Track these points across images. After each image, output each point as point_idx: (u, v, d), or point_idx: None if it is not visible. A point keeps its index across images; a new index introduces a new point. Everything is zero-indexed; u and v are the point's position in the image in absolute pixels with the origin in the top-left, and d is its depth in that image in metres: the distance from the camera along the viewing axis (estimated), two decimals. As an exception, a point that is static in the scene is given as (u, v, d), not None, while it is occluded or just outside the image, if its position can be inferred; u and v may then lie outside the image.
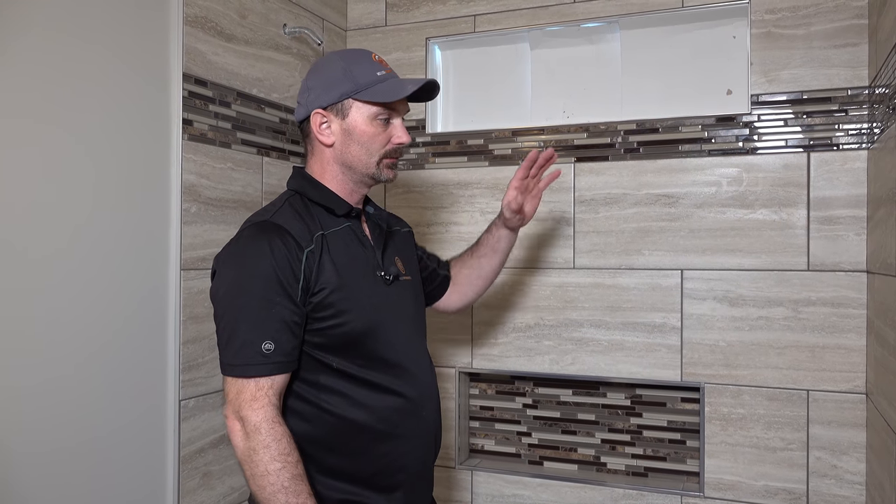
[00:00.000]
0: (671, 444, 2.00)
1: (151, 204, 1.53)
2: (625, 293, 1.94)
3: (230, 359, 1.14)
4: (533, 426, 2.14)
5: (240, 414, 1.12)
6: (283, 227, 1.19)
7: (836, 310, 1.76)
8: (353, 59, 1.28)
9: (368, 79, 1.24)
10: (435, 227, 2.15)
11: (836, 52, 1.76)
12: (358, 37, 2.25)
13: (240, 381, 1.13)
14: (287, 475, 1.10)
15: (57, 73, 1.33)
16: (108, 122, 1.43)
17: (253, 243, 1.17)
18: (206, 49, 1.66)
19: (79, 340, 1.37)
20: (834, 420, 1.75)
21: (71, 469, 1.35)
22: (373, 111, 1.25)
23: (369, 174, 1.28)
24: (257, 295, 1.14)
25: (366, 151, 1.26)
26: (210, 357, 1.66)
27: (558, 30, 2.06)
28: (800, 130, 1.79)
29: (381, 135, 1.26)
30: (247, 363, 1.13)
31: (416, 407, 1.27)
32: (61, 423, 1.33)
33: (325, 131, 1.27)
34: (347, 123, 1.26)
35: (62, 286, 1.34)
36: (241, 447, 1.12)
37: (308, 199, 1.28)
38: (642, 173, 1.93)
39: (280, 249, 1.15)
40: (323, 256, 1.20)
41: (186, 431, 1.60)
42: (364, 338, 1.22)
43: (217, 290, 1.19)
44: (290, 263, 1.16)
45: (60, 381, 1.33)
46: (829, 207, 1.76)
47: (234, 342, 1.14)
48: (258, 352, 1.13)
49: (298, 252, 1.17)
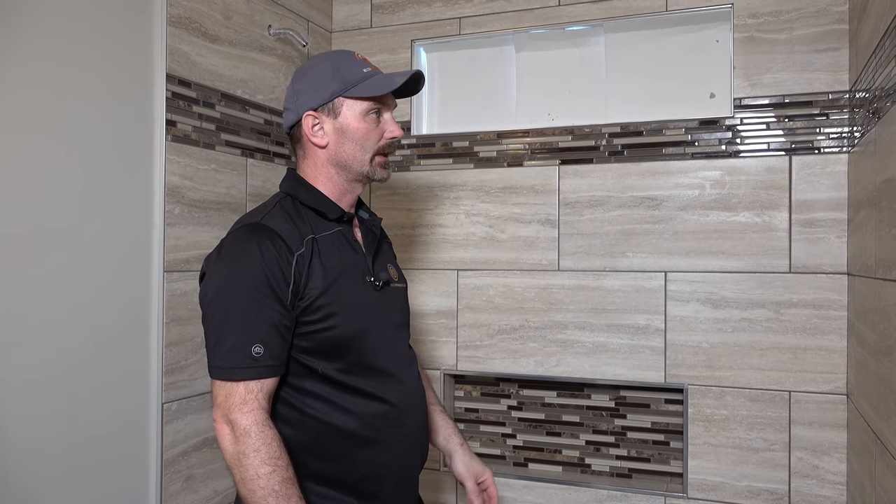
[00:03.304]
0: (655, 445, 2.02)
1: (134, 205, 1.54)
2: (609, 295, 1.97)
3: (219, 362, 1.15)
4: (518, 428, 2.16)
5: (229, 417, 1.13)
6: (274, 229, 1.19)
7: (818, 311, 1.79)
8: (339, 58, 1.30)
9: (356, 76, 1.27)
10: (420, 230, 2.18)
11: (818, 57, 1.80)
12: (343, 38, 2.27)
13: (229, 385, 1.14)
14: (277, 479, 1.10)
15: (39, 73, 1.33)
16: (90, 122, 1.44)
17: (243, 245, 1.18)
18: (190, 50, 1.66)
19: (60, 343, 1.37)
20: (815, 421, 1.79)
21: (52, 473, 1.35)
22: (364, 107, 1.27)
23: (364, 172, 1.30)
24: (247, 297, 1.14)
25: (360, 148, 1.28)
26: (193, 360, 1.67)
27: (543, 33, 2.09)
28: (782, 134, 1.83)
29: (374, 130, 1.29)
30: (236, 366, 1.13)
31: (401, 414, 1.28)
32: (42, 426, 1.33)
33: (317, 133, 1.28)
34: (340, 122, 1.27)
35: (43, 288, 1.33)
36: (231, 451, 1.12)
37: (300, 203, 1.29)
38: (626, 176, 1.96)
39: (270, 252, 1.16)
40: (313, 260, 1.21)
41: (169, 434, 1.60)
42: (351, 343, 1.23)
43: (206, 292, 1.19)
44: (280, 266, 1.16)
45: (41, 384, 1.33)
46: (810, 210, 1.80)
47: (223, 345, 1.14)
48: (247, 355, 1.13)
49: (288, 255, 1.18)
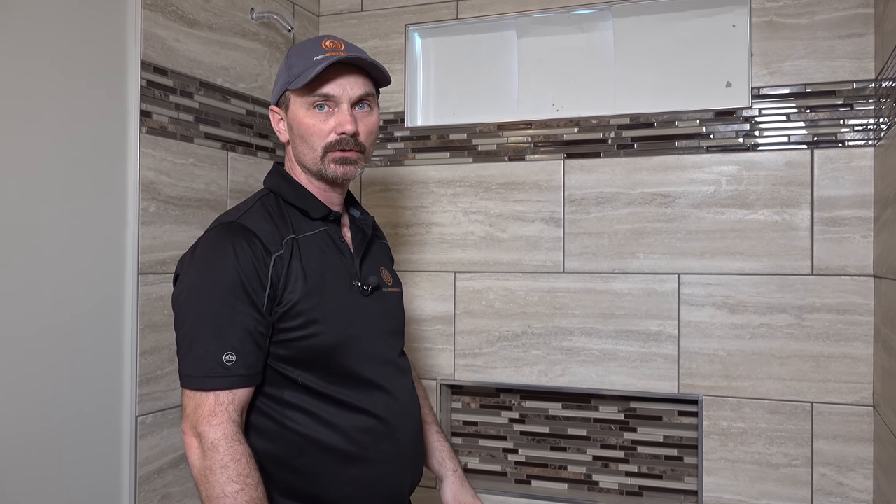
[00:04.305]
0: (668, 460, 2.01)
1: (106, 202, 1.52)
2: (618, 299, 1.96)
3: (189, 370, 1.14)
4: (520, 442, 2.15)
5: (197, 430, 1.12)
6: (251, 229, 1.19)
7: (842, 317, 1.78)
8: (301, 47, 1.28)
9: (301, 66, 1.23)
10: (415, 228, 2.16)
11: (841, 43, 1.79)
12: (331, 23, 2.25)
13: (198, 395, 1.13)
14: (245, 498, 1.09)
15: (1, 59, 1.31)
16: (57, 113, 1.42)
17: (216, 246, 1.18)
18: (167, 35, 1.65)
19: (25, 351, 1.36)
20: (839, 434, 1.78)
21: (18, 493, 1.34)
22: (309, 100, 1.24)
23: (316, 170, 1.27)
24: (219, 301, 1.14)
25: (308, 145, 1.26)
26: (170, 369, 1.65)
27: (547, 17, 2.08)
28: (803, 126, 1.82)
29: (321, 125, 1.24)
30: (206, 375, 1.13)
31: (390, 428, 1.27)
32: (6, 439, 1.32)
33: (281, 129, 1.31)
34: (290, 118, 1.28)
35: (3, 293, 1.32)
36: (198, 466, 1.12)
37: (283, 200, 1.28)
38: (636, 171, 1.95)
39: (245, 253, 1.16)
40: (293, 262, 1.20)
41: (144, 450, 1.59)
42: (334, 352, 1.22)
43: (178, 295, 1.19)
44: (256, 269, 1.16)
45: (4, 394, 1.32)
46: (833, 208, 1.79)
47: (193, 352, 1.14)
48: (219, 363, 1.13)
49: (266, 257, 1.17)
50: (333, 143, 1.25)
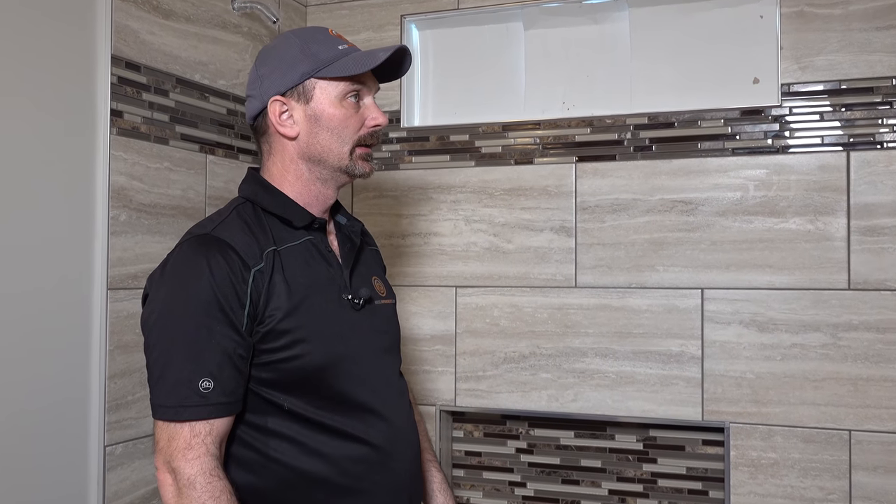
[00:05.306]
0: (691, 494, 2.00)
1: (72, 210, 1.52)
2: (635, 317, 1.95)
3: (161, 399, 1.13)
4: (528, 475, 2.14)
5: (171, 465, 1.11)
6: (227, 241, 1.18)
7: (882, 335, 1.78)
8: (310, 35, 1.29)
9: (331, 53, 1.25)
10: (411, 239, 2.15)
11: (879, 35, 1.80)
12: (320, 13, 2.26)
13: (172, 426, 1.12)
14: None
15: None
16: (19, 113, 1.42)
17: (189, 261, 1.17)
18: (140, 27, 1.65)
19: (-21, 375, 1.34)
20: (880, 465, 1.77)
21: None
22: (340, 89, 1.25)
23: (342, 167, 1.28)
24: (193, 322, 1.13)
25: (337, 139, 1.26)
26: (142, 394, 1.65)
27: (557, 6, 2.08)
28: (838, 126, 1.83)
29: (354, 117, 1.27)
30: (180, 405, 1.11)
31: (385, 457, 1.26)
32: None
33: (286, 122, 1.27)
34: (313, 108, 1.26)
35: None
36: None
37: (261, 209, 1.28)
38: (655, 175, 1.95)
39: (221, 268, 1.15)
40: (274, 276, 1.19)
41: (113, 483, 1.58)
42: (323, 373, 1.21)
43: (147, 316, 1.18)
44: (234, 285, 1.15)
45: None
46: (872, 216, 1.79)
47: (165, 379, 1.13)
48: (194, 391, 1.12)
49: (244, 271, 1.16)
50: (367, 135, 1.29)
